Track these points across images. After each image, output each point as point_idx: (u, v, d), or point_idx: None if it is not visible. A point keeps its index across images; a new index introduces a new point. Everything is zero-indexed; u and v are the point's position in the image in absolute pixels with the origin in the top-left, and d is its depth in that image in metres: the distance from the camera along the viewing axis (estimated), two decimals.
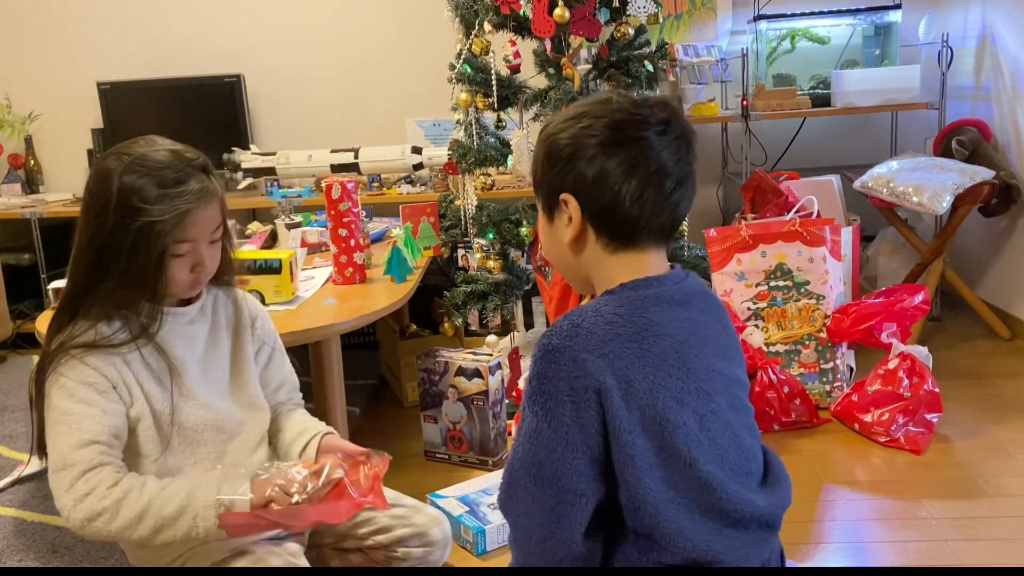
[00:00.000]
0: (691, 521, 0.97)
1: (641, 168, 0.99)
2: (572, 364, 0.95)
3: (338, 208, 2.19)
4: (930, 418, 2.30)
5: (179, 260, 1.28)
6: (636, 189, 0.99)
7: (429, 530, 1.46)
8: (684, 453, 0.97)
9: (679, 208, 1.03)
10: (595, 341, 0.96)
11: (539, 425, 0.96)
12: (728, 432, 1.02)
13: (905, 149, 3.45)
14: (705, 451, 0.99)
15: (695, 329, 1.02)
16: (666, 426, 0.96)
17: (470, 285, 2.71)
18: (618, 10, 2.54)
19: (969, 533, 1.83)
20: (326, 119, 3.83)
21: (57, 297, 2.20)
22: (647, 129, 1.00)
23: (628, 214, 1.00)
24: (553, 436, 0.96)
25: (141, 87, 3.70)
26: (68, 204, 3.60)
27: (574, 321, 0.98)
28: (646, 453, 0.96)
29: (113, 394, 1.26)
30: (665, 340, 0.99)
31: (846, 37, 3.52)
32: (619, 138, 1.00)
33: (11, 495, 2.20)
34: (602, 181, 0.99)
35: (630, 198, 0.99)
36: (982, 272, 3.32)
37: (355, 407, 2.70)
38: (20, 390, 3.05)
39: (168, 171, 1.25)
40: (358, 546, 1.47)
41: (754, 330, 2.51)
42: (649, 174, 0.99)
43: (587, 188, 1.01)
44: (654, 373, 0.97)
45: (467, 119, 2.70)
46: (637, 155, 0.99)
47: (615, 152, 0.99)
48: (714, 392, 1.01)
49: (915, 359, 2.33)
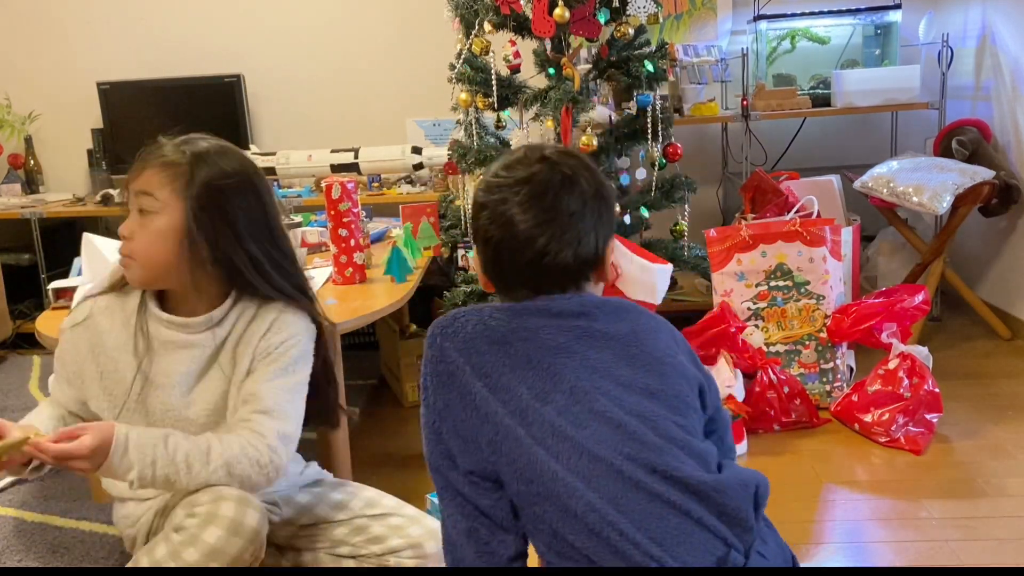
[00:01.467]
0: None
1: (495, 230, 1.09)
2: (439, 351, 1.09)
3: (338, 208, 2.19)
4: (930, 418, 2.30)
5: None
6: (493, 249, 1.11)
7: (424, 543, 1.44)
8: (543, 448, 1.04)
9: (544, 261, 1.08)
10: (462, 337, 1.08)
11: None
12: (617, 434, 1.04)
13: (905, 149, 3.45)
14: (568, 449, 1.03)
15: (581, 335, 1.09)
16: (524, 417, 1.04)
17: (470, 285, 2.71)
18: (618, 10, 2.54)
19: (969, 533, 1.83)
20: (326, 119, 3.83)
21: (57, 297, 2.21)
22: (505, 191, 1.10)
23: (495, 271, 1.13)
24: (425, 414, 1.11)
25: (141, 87, 3.70)
26: (68, 204, 3.60)
27: (456, 314, 1.11)
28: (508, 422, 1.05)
29: (74, 378, 1.41)
30: (532, 344, 1.07)
31: (846, 37, 3.52)
32: (487, 200, 1.11)
33: (11, 495, 2.20)
34: (479, 241, 1.13)
35: (494, 255, 1.11)
36: (982, 272, 3.32)
37: (355, 407, 2.70)
38: (20, 390, 3.05)
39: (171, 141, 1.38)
40: (352, 553, 1.47)
41: (754, 330, 2.51)
42: (500, 236, 1.09)
43: (476, 244, 1.15)
44: (515, 372, 1.06)
45: (467, 119, 2.70)
46: (497, 213, 1.10)
47: (483, 214, 1.11)
48: (599, 395, 1.06)
49: (915, 359, 2.32)
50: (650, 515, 1.01)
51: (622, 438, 1.03)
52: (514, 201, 1.08)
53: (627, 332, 1.12)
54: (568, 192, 1.09)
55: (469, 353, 1.07)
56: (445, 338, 1.09)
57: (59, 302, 2.20)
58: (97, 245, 2.19)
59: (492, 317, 1.09)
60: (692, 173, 2.87)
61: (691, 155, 3.31)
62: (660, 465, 1.03)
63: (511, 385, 1.05)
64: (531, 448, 1.03)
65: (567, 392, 1.05)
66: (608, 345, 1.10)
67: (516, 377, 1.05)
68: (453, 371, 1.07)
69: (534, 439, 1.03)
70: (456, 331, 1.09)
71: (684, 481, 1.02)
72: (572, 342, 1.08)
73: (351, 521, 1.48)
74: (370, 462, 2.31)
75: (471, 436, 1.06)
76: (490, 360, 1.06)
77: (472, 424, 1.06)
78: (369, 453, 2.40)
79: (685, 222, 2.79)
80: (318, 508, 1.50)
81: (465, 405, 1.06)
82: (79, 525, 2.00)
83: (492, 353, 1.07)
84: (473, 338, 1.08)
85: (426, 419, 1.11)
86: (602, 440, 1.03)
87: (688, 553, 1.00)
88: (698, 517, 1.02)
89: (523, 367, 1.06)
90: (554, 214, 1.08)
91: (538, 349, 1.07)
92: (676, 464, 1.03)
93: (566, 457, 1.02)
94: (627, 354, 1.10)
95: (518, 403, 1.04)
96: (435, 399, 1.09)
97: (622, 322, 1.12)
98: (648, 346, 1.12)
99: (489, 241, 1.10)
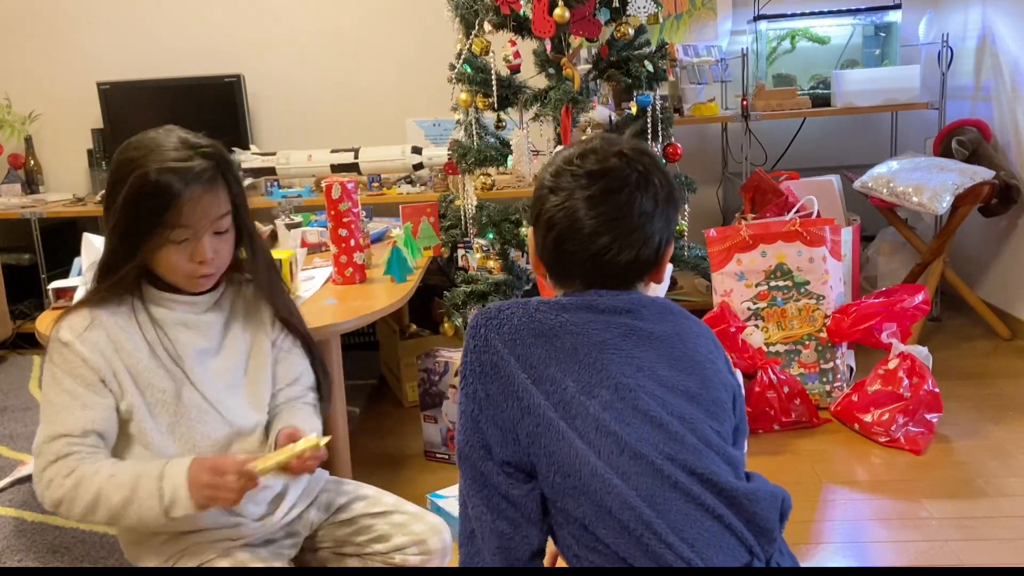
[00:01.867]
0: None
1: (560, 219, 1.08)
2: (484, 341, 1.08)
3: (338, 208, 2.19)
4: (930, 418, 2.30)
5: (176, 247, 1.28)
6: (553, 238, 1.09)
7: (428, 539, 1.44)
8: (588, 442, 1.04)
9: (606, 257, 1.08)
10: (508, 328, 1.07)
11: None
12: (659, 433, 1.04)
13: (905, 149, 3.45)
14: (610, 445, 1.03)
15: (627, 333, 1.09)
16: (568, 410, 1.04)
17: (470, 285, 2.70)
18: (618, 10, 2.54)
19: (969, 533, 1.83)
20: (326, 119, 3.83)
21: (57, 297, 2.21)
22: (575, 181, 1.08)
23: (553, 258, 1.11)
24: (463, 403, 1.09)
25: (141, 87, 3.70)
26: (68, 204, 3.60)
27: (501, 306, 1.10)
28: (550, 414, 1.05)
29: (100, 386, 1.27)
30: (579, 338, 1.07)
31: (846, 37, 3.52)
32: (555, 186, 1.09)
33: (11, 495, 2.20)
34: (539, 225, 1.11)
35: (553, 244, 1.10)
36: (982, 272, 3.32)
37: (355, 407, 2.70)
38: (20, 390, 3.05)
39: (173, 151, 1.27)
40: (357, 552, 1.47)
41: (754, 330, 2.51)
42: (564, 227, 1.08)
43: (536, 227, 1.12)
44: (560, 365, 1.05)
45: (467, 119, 2.70)
46: (563, 205, 1.08)
47: (550, 199, 1.09)
48: (642, 393, 1.06)
49: (915, 359, 2.32)
50: (685, 517, 1.01)
51: (664, 438, 1.03)
52: (583, 195, 1.07)
53: (671, 333, 1.11)
54: (643, 192, 1.08)
55: (514, 344, 1.07)
56: (490, 329, 1.08)
57: (59, 302, 2.20)
58: (97, 245, 2.19)
59: (539, 310, 1.08)
60: (692, 173, 2.87)
61: (691, 155, 3.31)
62: (699, 468, 1.03)
63: (556, 377, 1.05)
64: (572, 441, 1.02)
65: (612, 388, 1.05)
66: (652, 344, 1.09)
67: (562, 370, 1.05)
68: (496, 361, 1.06)
69: (576, 432, 1.03)
70: (501, 323, 1.08)
71: (720, 486, 1.03)
72: (618, 339, 1.08)
73: (354, 521, 1.48)
74: (370, 462, 2.31)
75: (510, 427, 1.06)
76: (536, 352, 1.06)
77: (513, 415, 1.05)
78: (369, 453, 2.40)
79: (685, 222, 2.79)
80: (319, 508, 1.50)
81: (507, 396, 1.06)
82: (79, 525, 2.00)
83: (538, 345, 1.06)
84: (519, 330, 1.07)
85: (464, 408, 1.10)
86: (644, 438, 1.03)
87: (717, 557, 1.01)
88: (729, 523, 1.02)
89: (569, 360, 1.05)
90: (624, 213, 1.07)
91: (585, 344, 1.06)
92: (713, 468, 1.03)
93: (607, 452, 1.02)
94: (669, 355, 1.10)
95: (562, 396, 1.04)
96: (476, 388, 1.08)
97: (666, 323, 1.12)
98: (690, 349, 1.11)
99: (552, 228, 1.08)
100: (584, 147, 1.11)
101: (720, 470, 1.04)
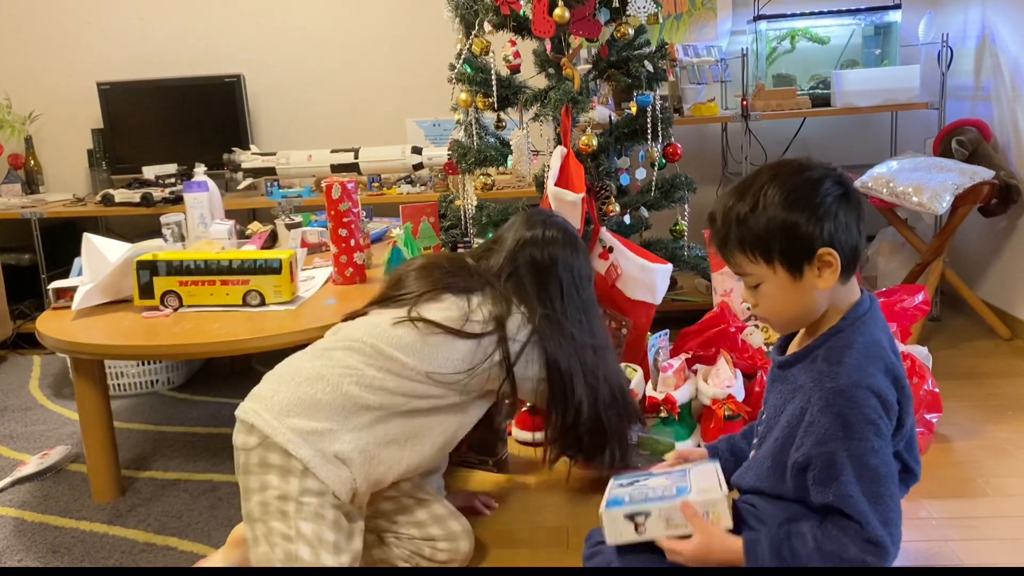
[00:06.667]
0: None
1: (856, 210, 1.25)
2: (868, 392, 1.21)
3: (338, 208, 2.19)
4: (930, 418, 2.30)
5: None
6: (856, 227, 1.25)
7: (459, 539, 1.49)
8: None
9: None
10: (866, 369, 1.23)
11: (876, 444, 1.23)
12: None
13: (905, 149, 3.45)
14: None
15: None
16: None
17: None
18: (618, 10, 2.54)
19: (969, 533, 1.83)
20: (326, 119, 3.83)
21: (57, 297, 2.21)
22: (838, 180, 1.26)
23: (858, 247, 1.26)
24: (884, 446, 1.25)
25: (141, 87, 3.70)
26: (68, 204, 3.60)
27: (842, 361, 1.24)
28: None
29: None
30: (884, 347, 1.27)
31: (846, 37, 3.52)
32: (844, 191, 1.25)
33: (11, 495, 2.20)
34: (848, 228, 1.23)
35: (858, 234, 1.26)
36: (982, 272, 3.32)
37: None
38: (20, 390, 3.05)
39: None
40: (393, 531, 1.51)
41: (754, 330, 2.50)
42: (857, 215, 1.26)
43: (840, 236, 1.23)
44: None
45: (467, 119, 2.70)
46: (852, 201, 1.26)
47: (844, 201, 1.24)
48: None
49: (915, 359, 2.32)
50: None
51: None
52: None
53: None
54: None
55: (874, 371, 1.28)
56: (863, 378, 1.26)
57: (59, 302, 2.20)
58: (97, 245, 2.19)
59: (861, 343, 1.27)
60: (692, 173, 2.87)
61: (691, 155, 3.31)
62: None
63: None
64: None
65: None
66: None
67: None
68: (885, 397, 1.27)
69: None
70: (857, 366, 1.25)
71: None
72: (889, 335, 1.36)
73: (398, 499, 1.51)
74: None
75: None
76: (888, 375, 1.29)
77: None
78: None
79: (685, 222, 2.79)
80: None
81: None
82: (79, 525, 2.00)
83: (881, 373, 1.27)
84: (873, 360, 1.29)
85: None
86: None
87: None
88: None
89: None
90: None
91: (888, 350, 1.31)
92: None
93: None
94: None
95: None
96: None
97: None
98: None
99: (854, 214, 1.24)
100: (802, 162, 1.30)
101: None
